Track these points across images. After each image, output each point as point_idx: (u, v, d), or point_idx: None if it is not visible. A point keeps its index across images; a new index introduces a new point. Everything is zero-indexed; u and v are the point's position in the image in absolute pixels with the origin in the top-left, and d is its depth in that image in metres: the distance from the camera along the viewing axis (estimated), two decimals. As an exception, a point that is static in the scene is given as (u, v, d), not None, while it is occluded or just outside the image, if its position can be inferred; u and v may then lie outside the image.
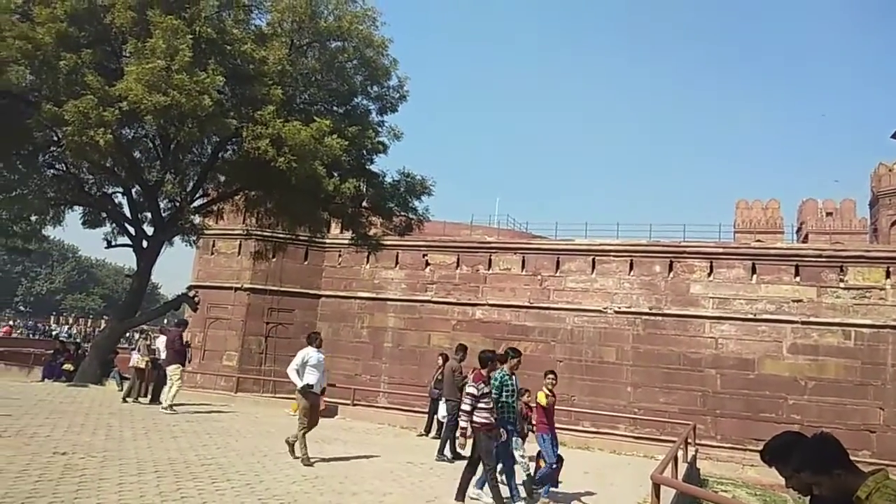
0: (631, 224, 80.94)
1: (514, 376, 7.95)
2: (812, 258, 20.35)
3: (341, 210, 18.49)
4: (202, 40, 14.77)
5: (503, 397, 7.71)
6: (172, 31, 13.90)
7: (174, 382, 13.53)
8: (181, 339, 14.22)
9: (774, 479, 15.06)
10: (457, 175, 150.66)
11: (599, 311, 21.79)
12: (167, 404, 13.42)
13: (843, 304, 19.55)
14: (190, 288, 23.18)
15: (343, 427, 14.39)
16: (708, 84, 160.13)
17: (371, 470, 9.33)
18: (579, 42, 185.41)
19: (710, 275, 20.95)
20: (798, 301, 19.90)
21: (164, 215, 18.64)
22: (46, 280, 73.02)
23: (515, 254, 23.50)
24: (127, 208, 19.06)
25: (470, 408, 7.43)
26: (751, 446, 18.26)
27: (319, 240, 23.49)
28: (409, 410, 17.48)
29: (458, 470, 10.12)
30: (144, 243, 18.70)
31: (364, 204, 18.90)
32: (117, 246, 20.14)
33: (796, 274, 20.13)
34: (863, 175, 49.68)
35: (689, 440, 13.79)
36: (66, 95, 14.28)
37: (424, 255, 24.47)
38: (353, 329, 24.64)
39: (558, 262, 22.72)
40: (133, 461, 8.12)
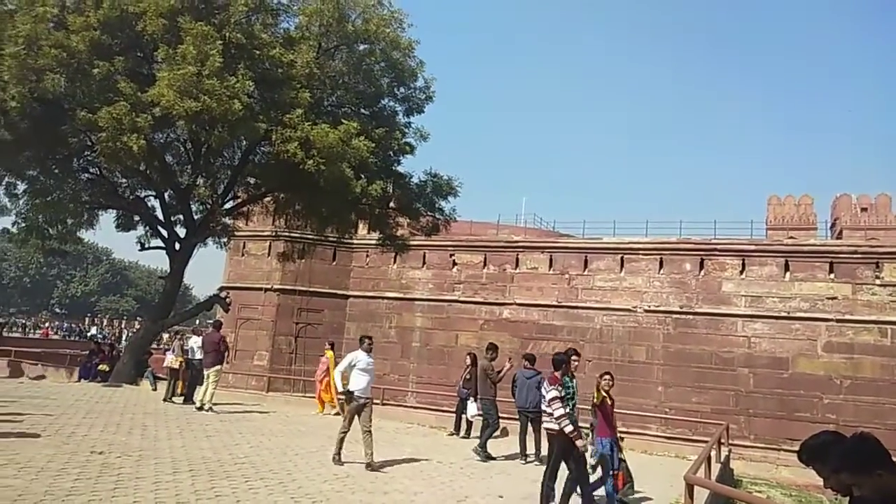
0: (660, 221, 79.51)
1: (574, 378, 7.93)
2: (847, 255, 19.94)
3: (369, 211, 18.62)
4: (231, 45, 15.02)
5: (575, 400, 7.68)
6: (202, 37, 14.15)
7: (211, 383, 13.75)
8: (225, 342, 14.50)
9: (809, 480, 14.85)
10: (483, 175, 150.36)
11: (629, 310, 21.59)
12: (201, 405, 13.64)
13: (879, 302, 19.11)
14: (221, 289, 23.54)
15: (373, 426, 14.40)
16: (739, 80, 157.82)
17: (401, 469, 9.39)
18: (606, 39, 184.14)
19: (742, 272, 20.63)
20: (833, 298, 19.51)
21: (196, 218, 18.98)
22: (81, 282, 74.36)
23: (543, 253, 23.38)
24: (159, 211, 19.44)
25: (564, 411, 7.28)
26: (785, 446, 17.98)
27: (347, 241, 23.63)
28: (438, 410, 17.50)
29: (489, 470, 10.18)
30: (177, 245, 19.05)
31: (391, 205, 19.03)
32: (150, 248, 20.48)
33: (830, 271, 19.74)
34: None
35: (722, 440, 13.59)
36: (99, 102, 14.60)
37: (451, 255, 24.49)
38: (381, 329, 24.72)
39: (586, 261, 22.56)
40: (168, 460, 8.29)
